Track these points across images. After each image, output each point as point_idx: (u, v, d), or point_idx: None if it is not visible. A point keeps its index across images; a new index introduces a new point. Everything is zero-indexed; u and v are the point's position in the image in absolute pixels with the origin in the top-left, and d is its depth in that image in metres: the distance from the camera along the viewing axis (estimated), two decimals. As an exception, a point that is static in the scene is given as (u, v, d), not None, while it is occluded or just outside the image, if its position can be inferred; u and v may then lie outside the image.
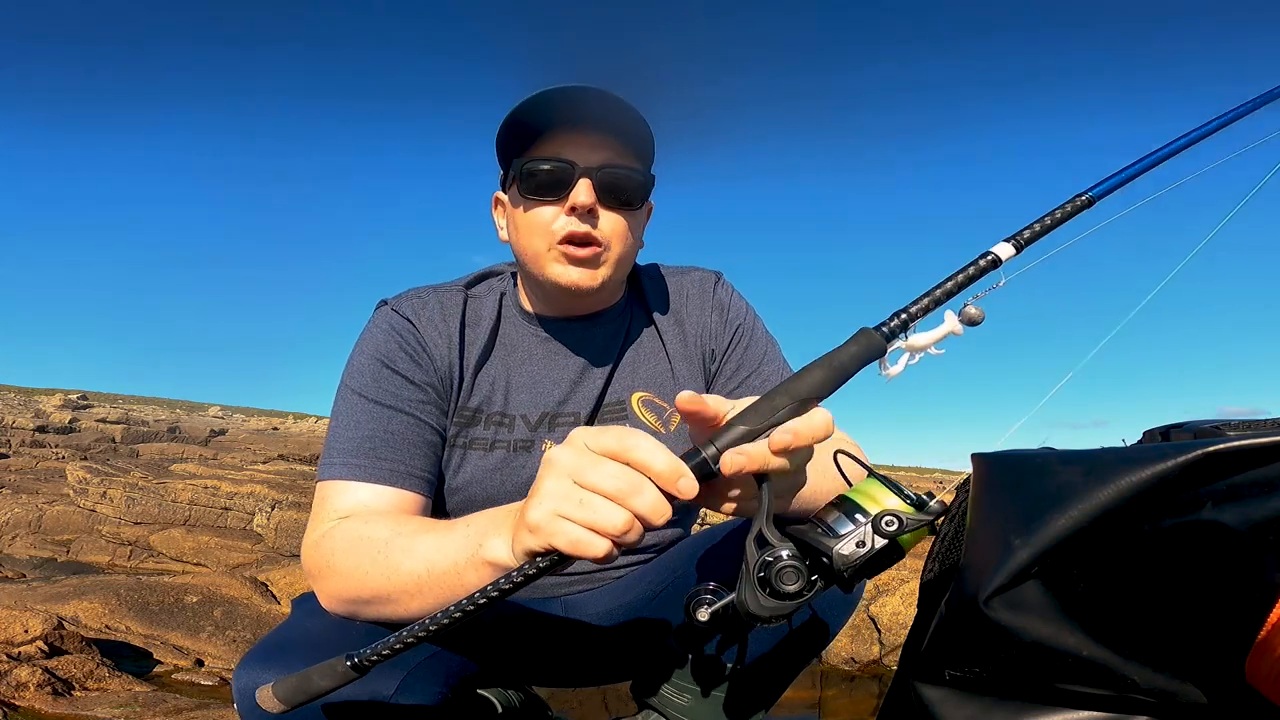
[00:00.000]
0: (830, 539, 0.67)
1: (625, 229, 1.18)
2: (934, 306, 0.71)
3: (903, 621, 3.81)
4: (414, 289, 1.26)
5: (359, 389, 1.15)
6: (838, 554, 0.66)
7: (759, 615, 0.68)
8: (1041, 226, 0.75)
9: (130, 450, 13.32)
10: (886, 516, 0.66)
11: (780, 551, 0.67)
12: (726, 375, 1.30)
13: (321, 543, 1.01)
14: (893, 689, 0.76)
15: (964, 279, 0.72)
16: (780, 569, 0.66)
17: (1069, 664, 0.61)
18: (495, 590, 0.72)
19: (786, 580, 0.66)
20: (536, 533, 0.71)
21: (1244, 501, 0.57)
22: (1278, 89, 0.96)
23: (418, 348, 1.18)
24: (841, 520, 0.68)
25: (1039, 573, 0.60)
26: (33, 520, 8.03)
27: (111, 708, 2.69)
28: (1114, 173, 0.82)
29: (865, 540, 0.67)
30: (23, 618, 3.16)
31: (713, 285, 1.34)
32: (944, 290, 0.72)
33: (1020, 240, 0.74)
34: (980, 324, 0.70)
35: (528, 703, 1.24)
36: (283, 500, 7.39)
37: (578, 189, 1.12)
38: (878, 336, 0.71)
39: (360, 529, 1.00)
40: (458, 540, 0.87)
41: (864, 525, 0.67)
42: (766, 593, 0.67)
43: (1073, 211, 0.77)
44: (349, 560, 0.96)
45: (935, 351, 0.72)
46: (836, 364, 0.70)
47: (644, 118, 1.16)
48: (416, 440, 1.13)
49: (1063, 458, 0.64)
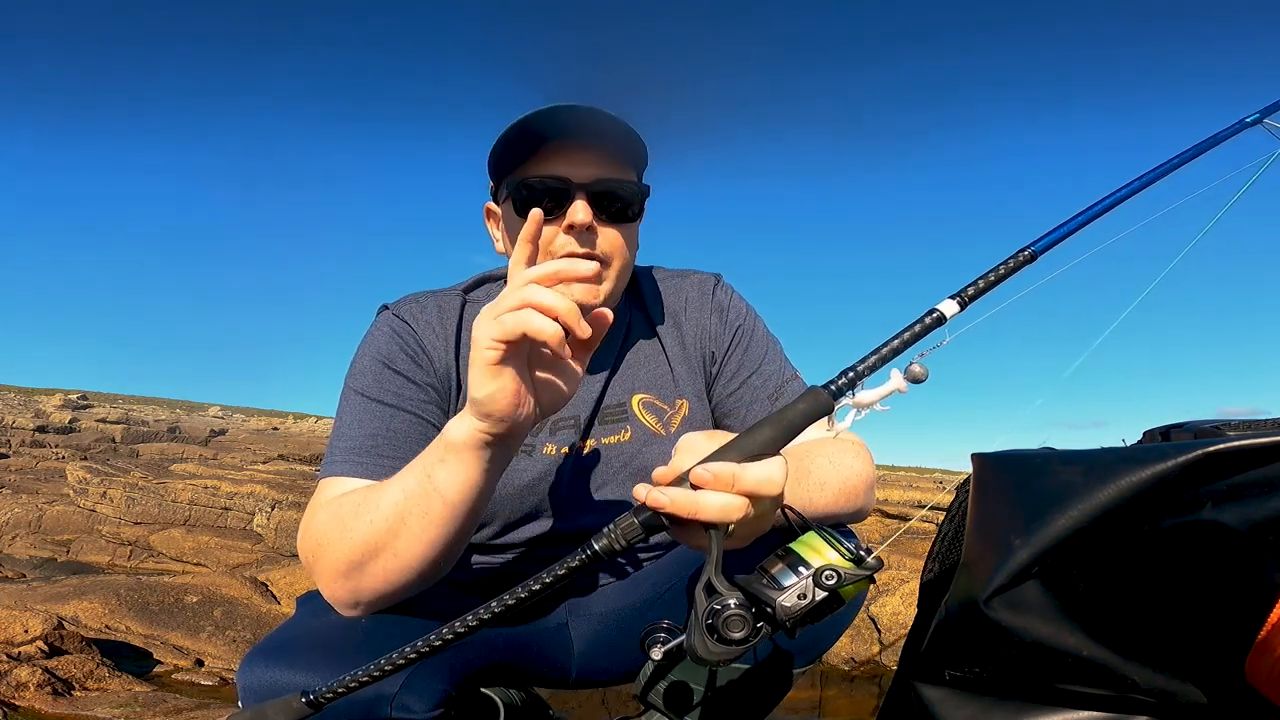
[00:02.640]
0: (774, 590, 0.71)
1: (623, 243, 1.18)
2: (880, 365, 0.74)
3: (903, 621, 3.81)
4: (413, 294, 1.27)
5: (361, 389, 1.15)
6: (781, 606, 0.71)
7: (706, 659, 0.71)
8: (985, 283, 0.77)
9: (130, 450, 13.32)
10: (827, 571, 0.71)
11: (728, 600, 0.70)
12: (727, 376, 1.30)
13: (309, 526, 1.02)
14: (893, 689, 0.76)
15: (910, 337, 0.74)
16: (727, 618, 0.69)
17: (1069, 664, 0.61)
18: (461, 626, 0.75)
19: (733, 628, 0.69)
20: (482, 338, 0.81)
21: (1244, 501, 0.57)
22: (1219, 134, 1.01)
23: (417, 349, 1.18)
24: (785, 572, 0.73)
25: (1039, 573, 0.60)
26: (33, 520, 8.03)
27: (111, 708, 2.69)
28: (1055, 227, 0.84)
29: (807, 593, 0.71)
30: (23, 618, 3.16)
31: (712, 288, 1.34)
32: (890, 348, 0.74)
33: (964, 297, 0.76)
34: (924, 381, 0.73)
35: (529, 702, 1.24)
36: (283, 500, 7.38)
37: (574, 207, 1.13)
38: (826, 395, 0.73)
39: (337, 500, 1.02)
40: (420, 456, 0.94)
41: (806, 578, 0.71)
42: (714, 639, 0.70)
43: (1015, 267, 0.79)
44: (333, 528, 0.98)
45: (881, 408, 0.75)
46: (785, 422, 0.74)
47: (635, 130, 1.16)
48: (418, 438, 1.13)
49: (1063, 458, 0.64)
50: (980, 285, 0.77)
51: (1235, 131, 1.02)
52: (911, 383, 0.73)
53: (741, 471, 0.72)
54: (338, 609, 1.01)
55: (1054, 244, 0.82)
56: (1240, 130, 1.02)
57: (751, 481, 0.72)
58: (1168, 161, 0.95)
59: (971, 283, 0.77)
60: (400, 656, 0.76)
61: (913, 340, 0.74)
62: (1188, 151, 0.97)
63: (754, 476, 0.72)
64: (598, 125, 1.14)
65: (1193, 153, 0.98)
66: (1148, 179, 0.92)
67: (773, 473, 0.73)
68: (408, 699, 0.96)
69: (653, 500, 0.73)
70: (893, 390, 0.73)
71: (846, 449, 1.14)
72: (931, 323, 0.74)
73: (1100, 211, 0.87)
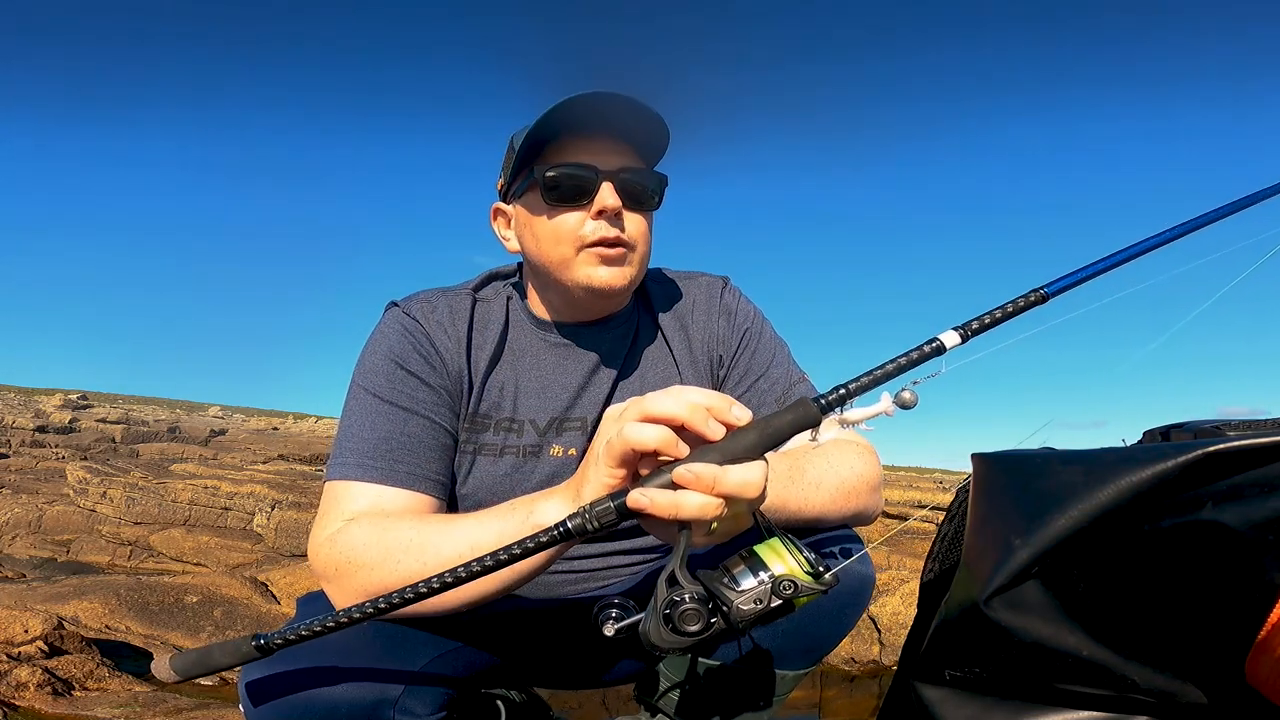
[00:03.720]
0: (732, 591, 0.73)
1: (646, 229, 1.20)
2: (873, 385, 0.74)
3: (903, 621, 3.81)
4: (422, 292, 1.26)
5: (373, 389, 1.14)
6: (736, 607, 0.72)
7: (657, 646, 0.73)
8: (991, 319, 0.77)
9: (130, 450, 13.31)
10: (784, 581, 0.73)
11: (686, 594, 0.72)
12: (735, 379, 1.30)
13: (337, 539, 1.00)
14: (893, 689, 0.76)
15: (906, 363, 0.74)
16: (684, 611, 0.72)
17: (1069, 664, 0.61)
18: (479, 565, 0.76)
19: (688, 621, 0.72)
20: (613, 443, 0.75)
21: (1244, 501, 0.57)
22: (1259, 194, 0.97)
23: (430, 349, 1.18)
24: (746, 574, 0.75)
25: (1039, 573, 0.60)
26: (33, 520, 8.03)
27: (111, 708, 2.69)
28: (1072, 271, 0.83)
29: (762, 599, 0.73)
30: (23, 618, 3.16)
31: (719, 291, 1.34)
32: (885, 371, 0.74)
33: (968, 330, 0.76)
34: (913, 408, 0.73)
35: (530, 703, 1.24)
36: (283, 500, 7.38)
37: (603, 193, 1.13)
38: (814, 409, 0.74)
39: (384, 522, 1.00)
40: (504, 513, 0.90)
41: (765, 585, 0.73)
42: (669, 628, 0.72)
43: (1025, 306, 0.78)
44: (376, 552, 0.95)
45: (865, 428, 0.76)
46: (771, 429, 0.75)
47: (658, 115, 1.16)
48: (432, 443, 1.13)
49: (1063, 458, 0.64)
50: (986, 320, 0.76)
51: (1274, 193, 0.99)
52: (901, 408, 0.73)
53: (723, 474, 0.73)
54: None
55: (1069, 288, 0.81)
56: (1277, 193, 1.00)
57: (732, 484, 0.73)
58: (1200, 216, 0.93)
59: (977, 317, 0.77)
60: (357, 611, 0.78)
61: (909, 366, 0.74)
62: (1224, 208, 0.95)
63: (734, 480, 0.73)
64: (623, 113, 1.14)
65: (1229, 209, 0.95)
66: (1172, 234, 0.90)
67: (752, 476, 0.74)
68: (410, 703, 0.96)
69: (633, 502, 0.74)
70: (880, 413, 0.74)
71: (849, 450, 1.14)
72: (930, 351, 0.74)
73: (1123, 260, 0.86)
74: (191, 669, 0.84)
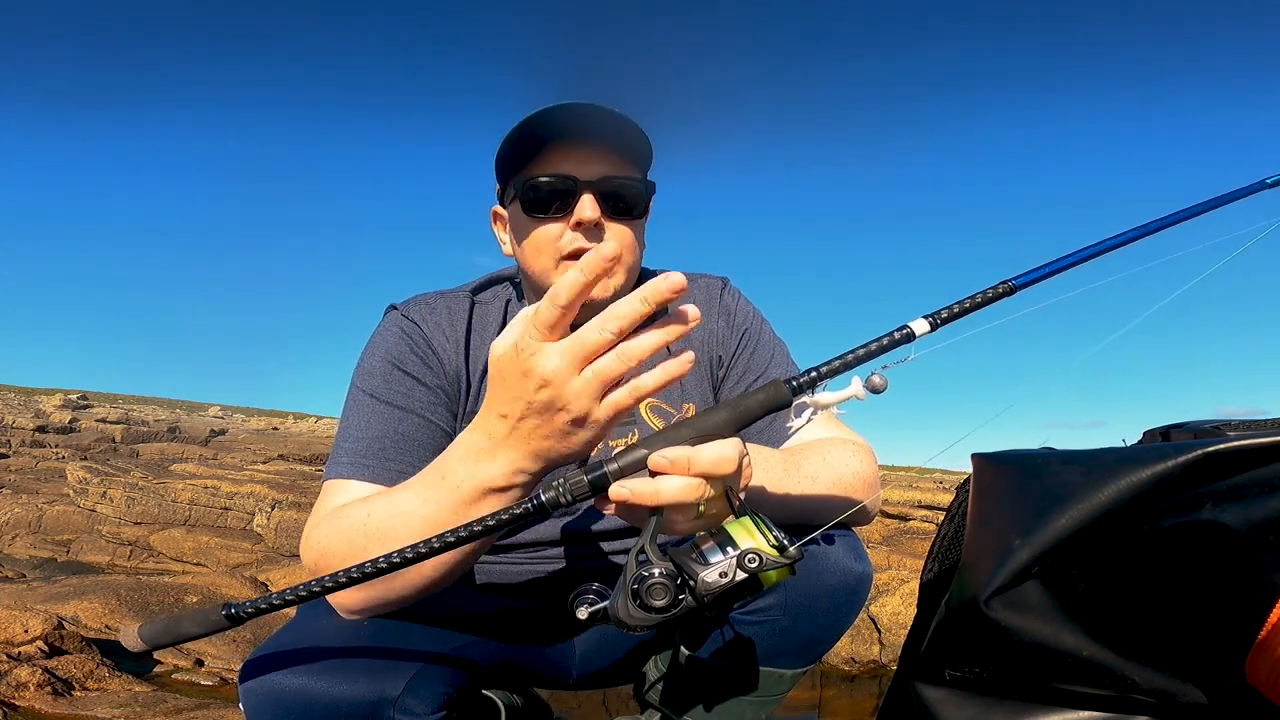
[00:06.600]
0: (700, 565, 0.74)
1: (632, 239, 1.19)
2: (844, 370, 0.76)
3: (903, 621, 3.81)
4: (421, 294, 1.26)
5: (370, 390, 1.15)
6: (702, 580, 0.73)
7: (627, 623, 0.74)
8: (960, 309, 0.79)
9: (130, 450, 13.31)
10: (749, 554, 0.74)
11: (655, 569, 0.73)
12: (734, 379, 1.30)
13: (313, 535, 1.00)
14: (893, 689, 0.76)
15: (877, 348, 0.76)
16: (651, 585, 0.72)
17: (1069, 664, 0.61)
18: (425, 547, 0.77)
19: (655, 596, 0.72)
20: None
21: (1244, 501, 0.57)
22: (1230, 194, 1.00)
23: (427, 351, 1.18)
24: (714, 550, 0.75)
25: (1039, 573, 0.60)
26: (33, 520, 8.03)
27: (111, 708, 2.69)
28: (1041, 265, 0.86)
29: (729, 572, 0.74)
30: (23, 618, 3.16)
31: (719, 291, 1.34)
32: (855, 356, 0.76)
33: (937, 319, 0.78)
34: (883, 392, 0.75)
35: (530, 704, 1.24)
36: (283, 500, 7.38)
37: (582, 204, 1.13)
38: (785, 390, 0.76)
39: (341, 510, 0.99)
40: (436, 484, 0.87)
41: (731, 558, 0.74)
42: (636, 604, 0.73)
43: (993, 297, 0.81)
44: (339, 544, 0.95)
45: (837, 411, 0.78)
46: (742, 408, 0.76)
47: (639, 127, 1.16)
48: (426, 442, 1.13)
49: (1063, 458, 0.64)
50: (955, 310, 0.79)
51: (1250, 192, 1.01)
52: (871, 392, 0.75)
53: (695, 454, 0.74)
54: (341, 614, 1.01)
55: (1036, 281, 0.84)
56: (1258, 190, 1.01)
57: (706, 462, 0.74)
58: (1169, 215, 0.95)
59: (947, 306, 0.79)
60: (330, 580, 0.79)
61: (879, 352, 0.76)
62: (1196, 206, 0.97)
63: (708, 457, 0.74)
64: (603, 123, 1.14)
65: (1201, 208, 0.97)
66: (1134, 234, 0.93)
67: (726, 451, 0.75)
68: (410, 702, 0.96)
69: (615, 494, 0.75)
70: (851, 396, 0.76)
71: (845, 448, 1.14)
72: (900, 338, 0.77)
73: (1090, 255, 0.89)
74: (160, 637, 0.84)
